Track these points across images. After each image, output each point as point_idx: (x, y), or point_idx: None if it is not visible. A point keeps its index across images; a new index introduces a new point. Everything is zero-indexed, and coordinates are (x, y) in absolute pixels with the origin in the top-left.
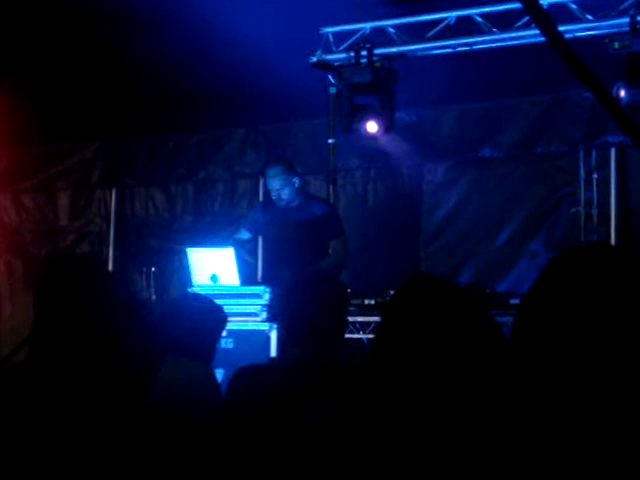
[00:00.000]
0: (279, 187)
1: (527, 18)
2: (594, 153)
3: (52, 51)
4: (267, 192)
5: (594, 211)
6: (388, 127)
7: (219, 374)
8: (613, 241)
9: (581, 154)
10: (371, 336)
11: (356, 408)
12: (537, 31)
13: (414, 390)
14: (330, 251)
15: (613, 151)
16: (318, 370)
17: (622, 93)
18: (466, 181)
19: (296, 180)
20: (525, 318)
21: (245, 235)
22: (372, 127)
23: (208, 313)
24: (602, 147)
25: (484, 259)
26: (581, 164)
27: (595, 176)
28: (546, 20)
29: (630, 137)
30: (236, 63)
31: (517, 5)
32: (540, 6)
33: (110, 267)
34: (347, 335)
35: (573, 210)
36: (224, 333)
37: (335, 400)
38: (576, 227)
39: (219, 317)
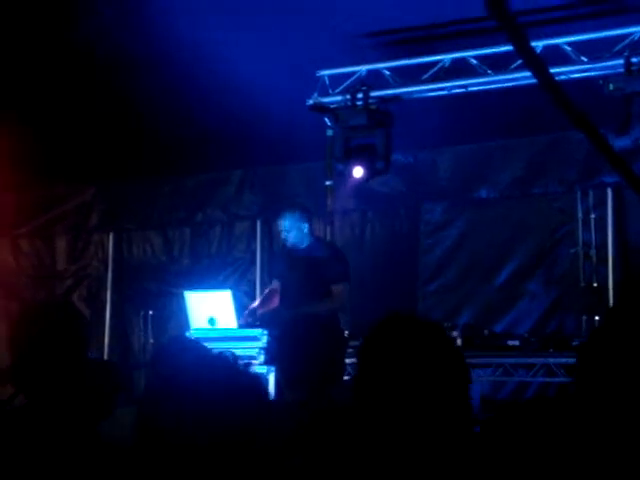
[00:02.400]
0: (287, 229)
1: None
2: (591, 193)
3: (49, 94)
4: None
5: (592, 251)
6: (384, 169)
7: None
8: (611, 281)
9: (578, 194)
10: None
11: (330, 456)
12: None
13: (385, 431)
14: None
15: (610, 191)
16: (313, 414)
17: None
18: (463, 221)
19: (305, 226)
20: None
21: (275, 284)
22: (358, 172)
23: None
24: (599, 187)
25: (482, 299)
26: (578, 204)
27: (592, 216)
28: (537, 63)
29: (624, 179)
30: (233, 106)
31: (511, 47)
32: (531, 49)
33: (108, 310)
34: (347, 377)
35: (572, 250)
36: None
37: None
38: (574, 267)
39: None
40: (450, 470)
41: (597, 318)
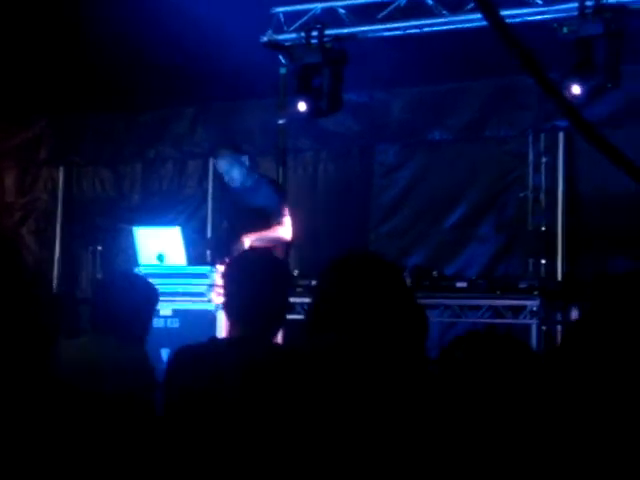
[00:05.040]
0: (227, 169)
1: None
2: (542, 137)
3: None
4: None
5: (542, 195)
6: (336, 107)
7: (165, 353)
8: (560, 225)
9: (530, 138)
10: None
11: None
12: None
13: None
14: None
15: (561, 135)
16: (258, 351)
17: (576, 89)
18: (416, 164)
19: (244, 159)
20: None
21: (225, 224)
22: (302, 107)
23: (138, 292)
24: (551, 131)
25: (433, 242)
26: (530, 148)
27: (544, 160)
28: (488, 5)
29: (573, 123)
30: (187, 41)
31: None
32: None
33: (57, 245)
34: (293, 316)
35: (522, 194)
36: (169, 312)
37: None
38: (524, 211)
39: (150, 296)
40: (407, 401)
41: (543, 262)
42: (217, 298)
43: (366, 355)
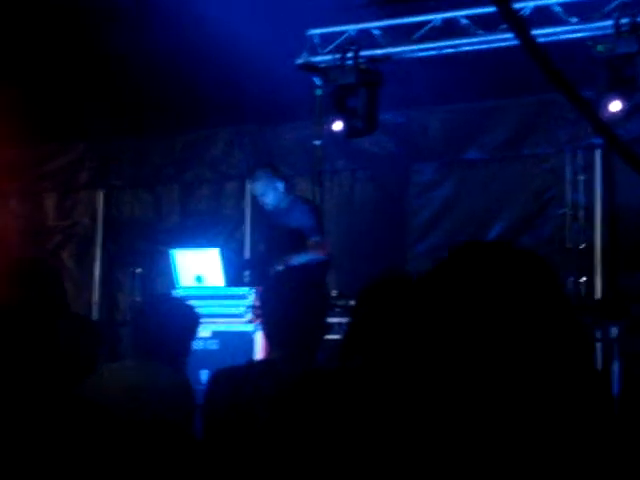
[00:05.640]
0: (262, 191)
1: None
2: (580, 154)
3: (40, 50)
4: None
5: (580, 212)
6: (372, 128)
7: (204, 375)
8: (598, 243)
9: (567, 156)
10: None
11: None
12: None
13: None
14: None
15: (598, 153)
16: (294, 373)
17: (614, 106)
18: (452, 182)
19: (279, 185)
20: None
21: (262, 247)
22: (337, 126)
23: (178, 316)
24: (588, 149)
25: None
26: (567, 166)
27: (581, 177)
28: (519, 25)
29: (605, 141)
30: (224, 64)
31: None
32: (512, 10)
33: (97, 268)
34: (331, 337)
35: (561, 211)
36: (208, 334)
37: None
38: (562, 229)
39: (190, 320)
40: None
41: (582, 280)
42: (255, 319)
43: (392, 380)
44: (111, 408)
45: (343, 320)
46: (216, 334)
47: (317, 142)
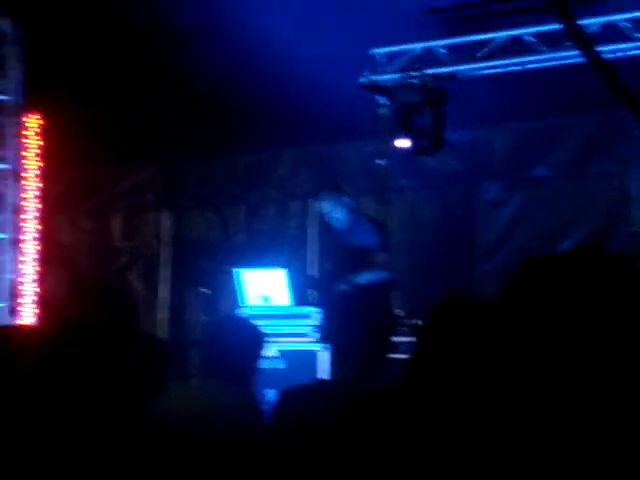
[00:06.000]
0: (329, 210)
1: None
2: None
3: (110, 74)
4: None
5: None
6: (438, 146)
7: (271, 394)
8: None
9: (635, 173)
10: None
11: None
12: None
13: (445, 411)
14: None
15: None
16: (364, 392)
17: None
18: (518, 201)
19: (346, 203)
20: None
21: (329, 265)
22: (403, 144)
23: (244, 336)
24: None
25: None
26: (635, 183)
27: None
28: (585, 42)
29: None
30: (287, 84)
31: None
32: (578, 28)
33: (164, 288)
34: (398, 356)
35: (632, 229)
36: (275, 353)
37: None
38: (632, 247)
39: (256, 340)
40: None
41: None
42: (320, 339)
43: (460, 401)
44: (179, 427)
45: (410, 339)
46: (283, 353)
47: (381, 161)
